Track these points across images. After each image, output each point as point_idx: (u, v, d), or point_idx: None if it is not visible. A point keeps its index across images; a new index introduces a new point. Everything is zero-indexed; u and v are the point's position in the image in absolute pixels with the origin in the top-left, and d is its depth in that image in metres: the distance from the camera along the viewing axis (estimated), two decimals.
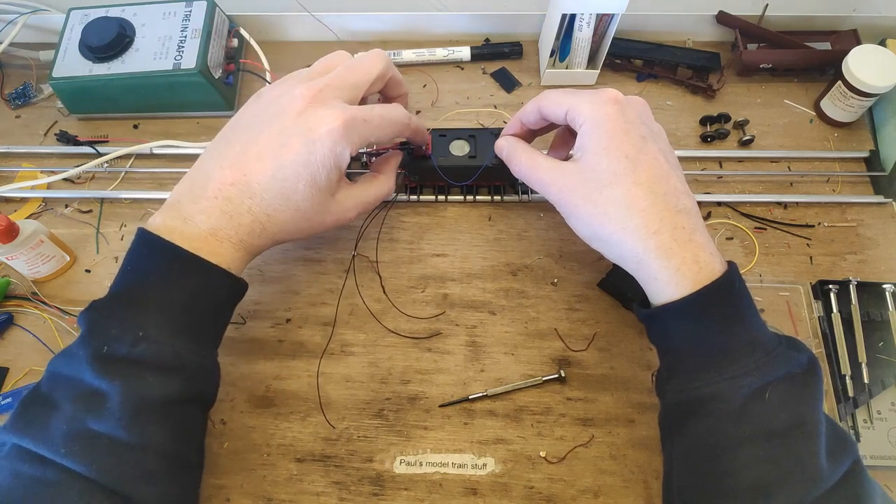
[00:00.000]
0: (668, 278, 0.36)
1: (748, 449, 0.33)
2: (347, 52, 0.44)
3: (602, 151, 0.37)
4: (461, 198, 0.54)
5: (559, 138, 0.47)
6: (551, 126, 0.45)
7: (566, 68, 0.59)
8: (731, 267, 0.37)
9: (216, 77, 0.56)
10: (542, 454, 0.44)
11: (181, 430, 0.36)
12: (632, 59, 0.60)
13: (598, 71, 0.59)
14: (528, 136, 0.47)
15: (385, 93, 0.47)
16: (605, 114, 0.38)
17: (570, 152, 0.40)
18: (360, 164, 0.54)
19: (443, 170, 0.50)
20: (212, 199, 0.37)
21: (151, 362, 0.34)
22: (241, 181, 0.37)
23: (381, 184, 0.46)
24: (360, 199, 0.44)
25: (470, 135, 0.51)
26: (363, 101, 0.44)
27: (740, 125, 0.58)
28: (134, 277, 0.37)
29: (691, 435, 0.35)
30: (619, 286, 0.48)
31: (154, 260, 0.36)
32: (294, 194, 0.38)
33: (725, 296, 0.36)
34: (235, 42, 0.60)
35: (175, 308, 0.36)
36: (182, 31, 0.55)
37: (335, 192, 0.41)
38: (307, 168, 0.38)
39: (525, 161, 0.42)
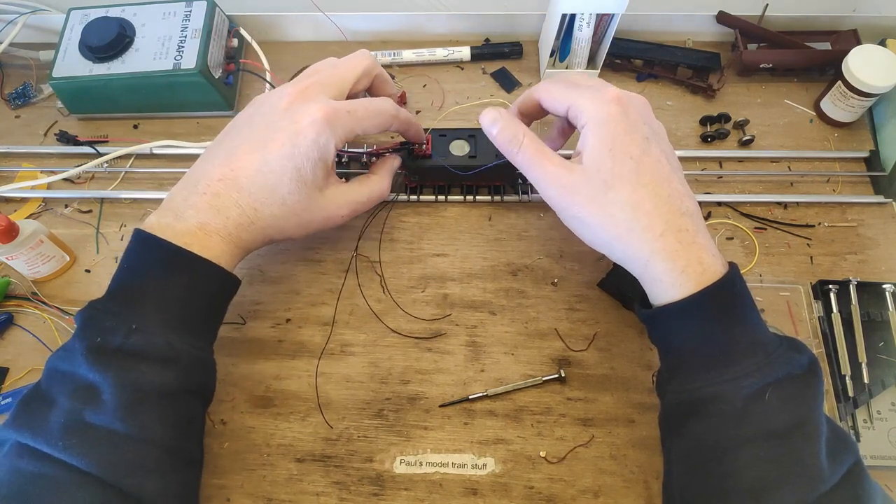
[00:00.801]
0: (672, 280, 0.36)
1: (749, 449, 0.33)
2: (335, 58, 0.45)
3: (606, 153, 0.37)
4: (461, 198, 0.54)
5: (557, 130, 0.47)
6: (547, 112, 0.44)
7: (566, 68, 0.59)
8: (732, 268, 0.37)
9: (216, 77, 0.56)
10: (542, 454, 0.44)
11: (181, 424, 0.36)
12: (632, 59, 0.60)
13: (598, 71, 0.59)
14: (525, 122, 0.45)
15: (373, 92, 0.48)
16: (608, 114, 0.37)
17: (578, 148, 0.39)
18: (359, 165, 0.54)
19: (444, 167, 0.50)
20: (201, 195, 0.38)
21: (145, 353, 0.35)
22: (228, 176, 0.39)
23: (375, 184, 0.46)
24: (352, 197, 0.44)
25: (470, 135, 0.51)
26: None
27: (740, 125, 0.58)
28: (128, 275, 0.37)
29: (692, 435, 0.35)
30: (619, 286, 0.48)
31: (146, 256, 0.37)
32: (280, 187, 0.39)
33: (727, 296, 0.36)
34: (235, 42, 0.60)
35: (168, 301, 0.36)
36: (182, 31, 0.55)
37: (323, 187, 0.41)
38: (292, 160, 0.39)
39: (531, 150, 0.39)
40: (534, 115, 0.45)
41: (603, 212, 0.37)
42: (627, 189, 0.37)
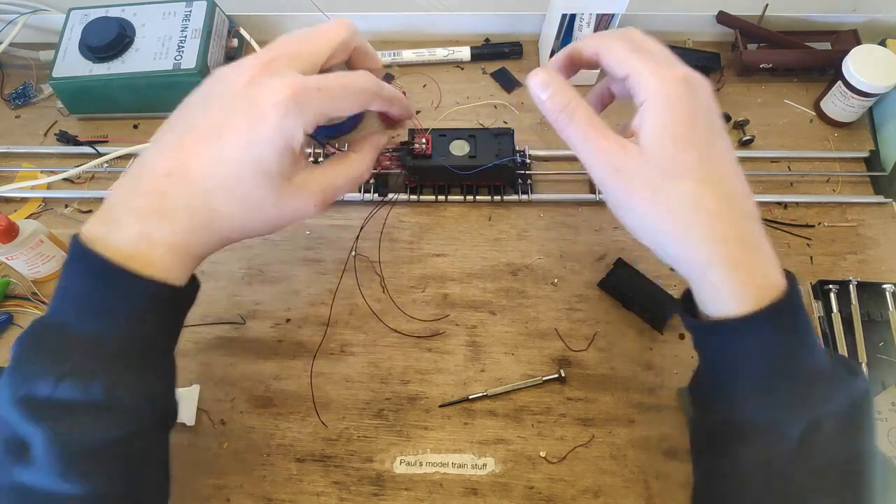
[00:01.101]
0: (731, 291, 0.32)
1: (804, 481, 0.31)
2: (308, 28, 0.37)
3: (668, 137, 0.32)
4: (461, 198, 0.54)
5: (597, 96, 0.41)
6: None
7: None
8: (791, 280, 0.33)
9: None
10: (543, 454, 0.44)
11: (132, 466, 0.32)
12: None
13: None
14: (565, 74, 0.39)
15: (352, 67, 0.40)
16: (675, 94, 0.33)
17: (633, 126, 0.34)
18: None
19: (444, 167, 0.50)
20: (145, 196, 0.32)
21: (80, 403, 0.29)
22: (177, 170, 0.32)
23: (352, 163, 0.38)
24: (325, 181, 0.36)
25: (470, 135, 0.51)
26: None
27: (740, 125, 0.58)
28: (63, 298, 0.32)
29: (743, 459, 0.33)
30: (619, 286, 0.48)
31: (80, 276, 0.32)
32: (239, 183, 0.32)
33: (789, 316, 0.33)
34: (235, 42, 0.60)
35: (104, 335, 0.31)
36: (182, 31, 0.55)
37: (291, 175, 0.34)
38: (251, 150, 0.32)
39: (585, 123, 0.34)
40: (580, 68, 0.39)
41: (659, 203, 0.33)
42: (689, 182, 0.32)
